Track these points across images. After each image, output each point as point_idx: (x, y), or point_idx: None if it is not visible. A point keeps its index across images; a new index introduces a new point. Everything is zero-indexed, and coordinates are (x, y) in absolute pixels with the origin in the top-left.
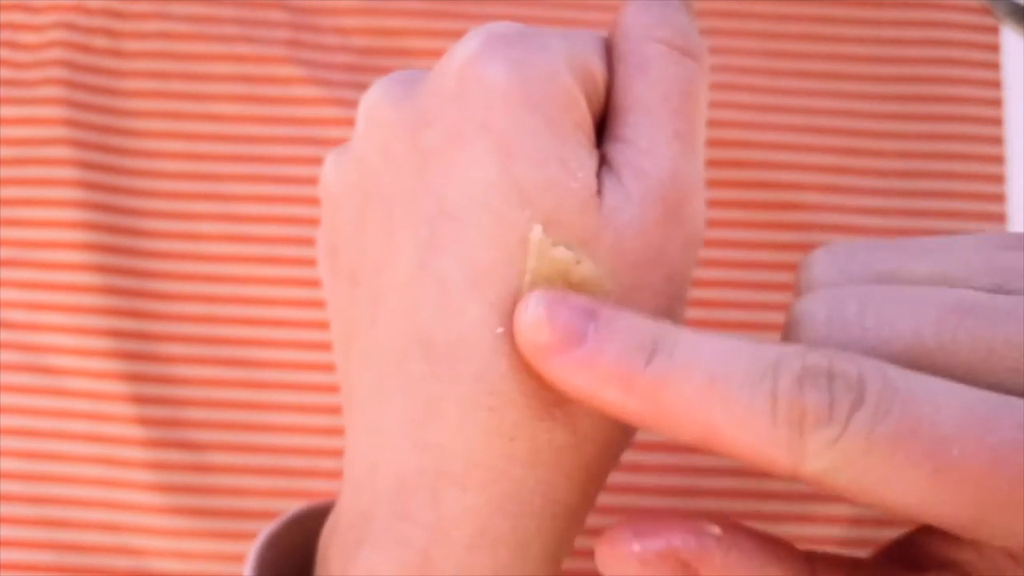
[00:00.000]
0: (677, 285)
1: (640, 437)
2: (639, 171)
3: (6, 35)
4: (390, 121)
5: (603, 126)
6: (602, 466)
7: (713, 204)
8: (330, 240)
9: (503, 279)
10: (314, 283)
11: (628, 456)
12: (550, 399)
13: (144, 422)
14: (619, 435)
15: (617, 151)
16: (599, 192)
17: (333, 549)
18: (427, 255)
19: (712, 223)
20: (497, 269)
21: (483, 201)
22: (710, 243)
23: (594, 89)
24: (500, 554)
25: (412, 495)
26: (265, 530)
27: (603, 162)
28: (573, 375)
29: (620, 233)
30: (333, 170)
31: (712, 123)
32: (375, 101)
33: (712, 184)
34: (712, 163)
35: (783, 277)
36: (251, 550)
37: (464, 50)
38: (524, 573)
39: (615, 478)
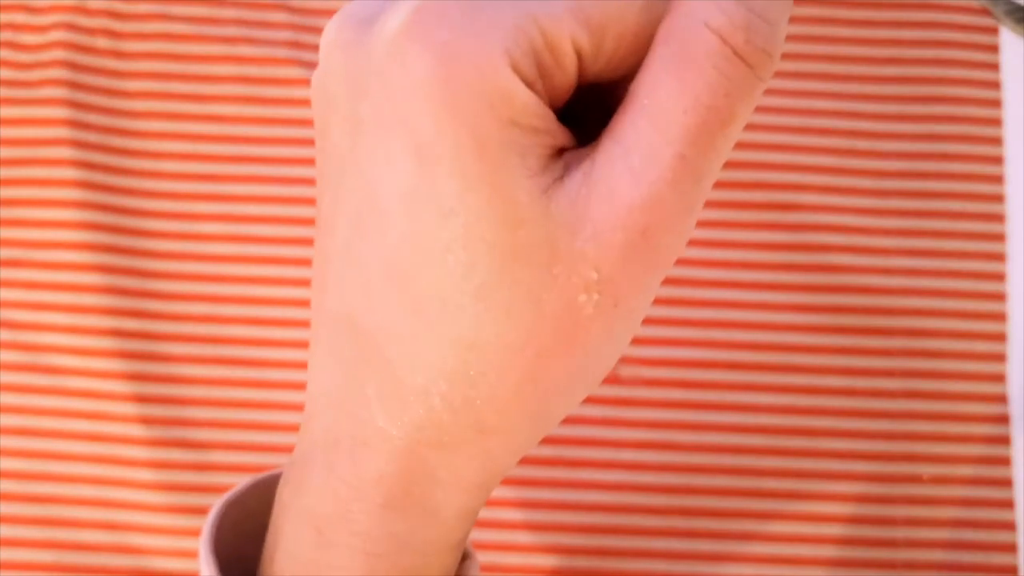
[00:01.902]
0: (627, 311)
1: (639, 437)
2: (613, 189)
3: (7, 35)
4: (333, 75)
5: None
6: (511, 463)
7: (711, 204)
8: (317, 148)
9: (422, 280)
10: None
11: (625, 455)
12: None
13: (146, 421)
14: (529, 432)
15: (605, 152)
16: (560, 183)
17: (285, 484)
18: (353, 238)
19: (710, 223)
20: (415, 272)
21: (399, 203)
22: (708, 243)
23: (554, 60)
24: (411, 516)
25: (338, 453)
26: (227, 493)
27: (593, 147)
28: None
29: (556, 253)
30: (315, 80)
31: None
32: (332, 34)
33: None
34: None
35: (781, 277)
36: (211, 509)
37: (397, 15)
38: (434, 534)
39: (612, 476)
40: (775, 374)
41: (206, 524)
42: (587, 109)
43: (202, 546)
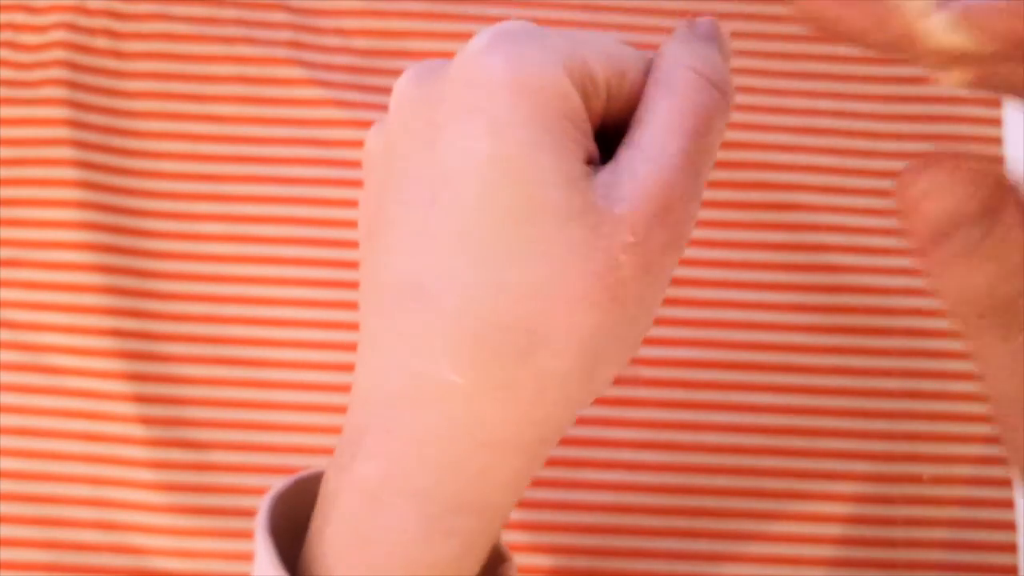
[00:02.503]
0: (654, 279)
1: (639, 437)
2: (637, 172)
3: (7, 35)
4: (412, 98)
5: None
6: (564, 418)
7: (711, 204)
8: (362, 200)
9: (493, 239)
10: (315, 283)
11: (625, 455)
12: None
13: (145, 421)
14: (583, 388)
15: (625, 154)
16: (593, 179)
17: (331, 468)
18: (427, 212)
19: (710, 223)
20: (487, 232)
21: (476, 172)
22: (708, 243)
23: (593, 87)
24: (463, 475)
25: (398, 414)
26: (276, 486)
27: (613, 160)
28: None
29: (602, 218)
30: (371, 140)
31: None
32: (404, 82)
33: (710, 184)
34: None
35: (781, 277)
36: (263, 501)
37: (475, 43)
38: (484, 496)
39: (613, 476)
40: (774, 374)
41: (261, 511)
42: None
43: (258, 530)
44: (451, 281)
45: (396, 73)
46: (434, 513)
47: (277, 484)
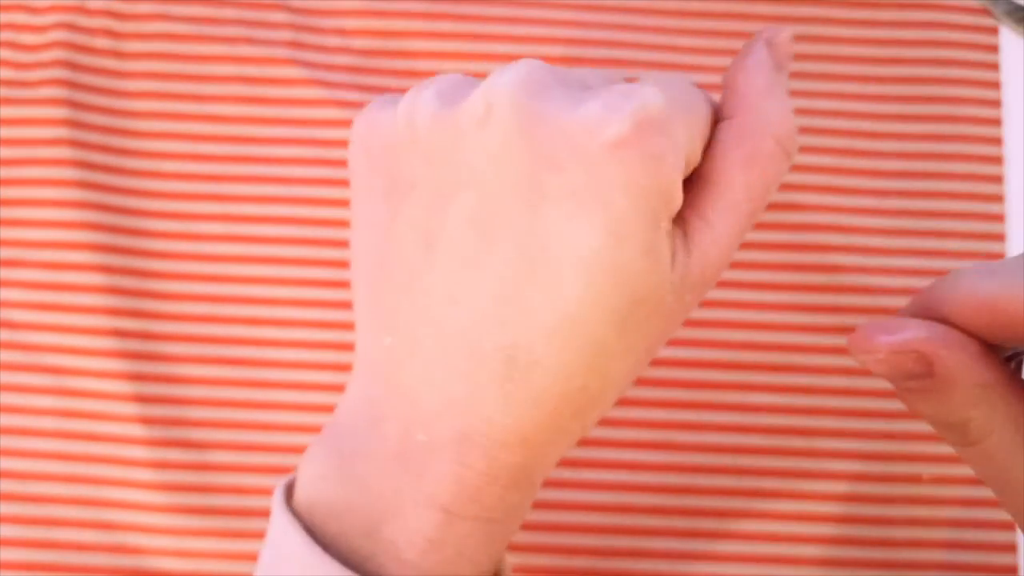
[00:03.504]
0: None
1: (639, 437)
2: (708, 255)
3: (7, 35)
4: (510, 137)
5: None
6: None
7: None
8: (395, 167)
9: (589, 329)
10: (315, 283)
11: (625, 454)
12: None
13: (146, 421)
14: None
15: (697, 228)
16: (675, 264)
17: (369, 467)
18: (522, 284)
19: None
20: (581, 320)
21: (583, 266)
22: None
23: (688, 167)
24: (523, 489)
25: (473, 451)
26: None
27: (680, 218)
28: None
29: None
30: (429, 112)
31: None
32: (508, 95)
33: None
34: None
35: (781, 277)
36: (276, 488)
37: (614, 129)
38: (531, 499)
39: (614, 476)
40: (775, 374)
41: (278, 488)
42: None
43: (276, 498)
44: (540, 356)
45: (396, 73)
46: (498, 519)
47: (286, 478)
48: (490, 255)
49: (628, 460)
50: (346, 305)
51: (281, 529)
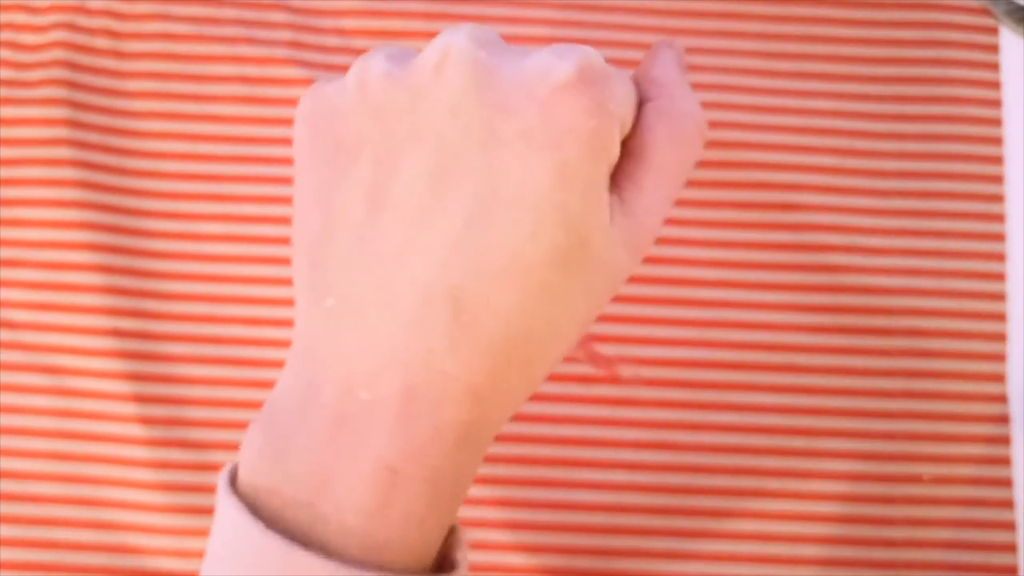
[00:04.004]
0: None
1: (639, 437)
2: (642, 223)
3: (7, 35)
4: (467, 85)
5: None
6: (540, 383)
7: (710, 204)
8: (342, 131)
9: (536, 268)
10: None
11: (625, 455)
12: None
13: (145, 421)
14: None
15: (633, 194)
16: (615, 224)
17: (306, 438)
18: (475, 228)
19: (709, 223)
20: (528, 260)
21: (533, 206)
22: (707, 243)
23: (622, 132)
24: (470, 450)
25: (419, 405)
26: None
27: (615, 186)
28: None
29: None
30: (381, 72)
31: (710, 124)
32: (462, 48)
33: (710, 185)
34: (710, 164)
35: (780, 277)
36: (221, 472)
37: (561, 69)
38: (478, 460)
39: (613, 476)
40: (774, 374)
41: (224, 468)
42: None
43: (220, 483)
44: (486, 298)
45: None
46: (443, 479)
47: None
48: (444, 202)
49: (627, 460)
50: None
51: (223, 510)
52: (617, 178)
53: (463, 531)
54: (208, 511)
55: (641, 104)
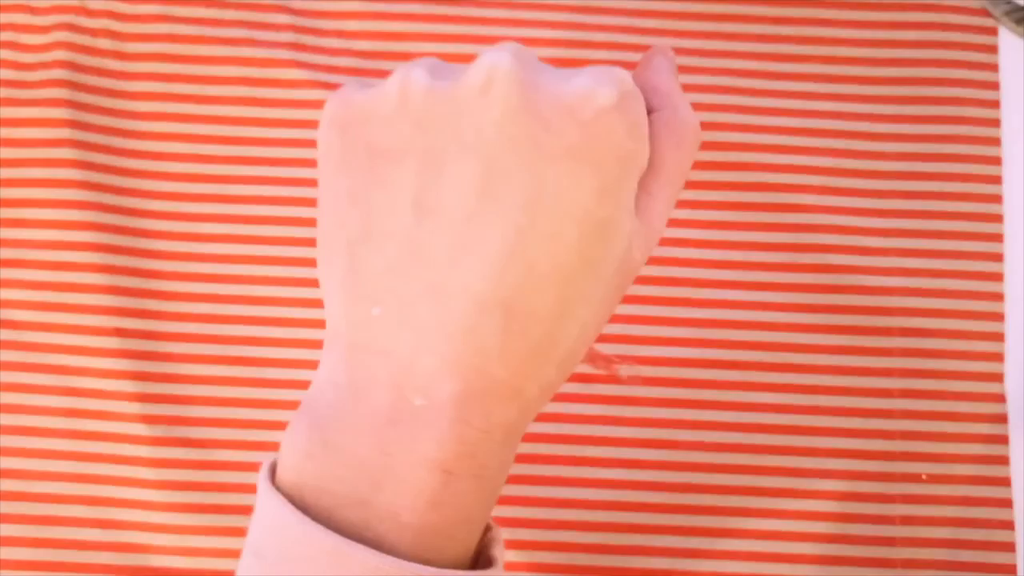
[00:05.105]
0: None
1: (639, 435)
2: (654, 225)
3: (9, 36)
4: (514, 104)
5: None
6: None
7: (710, 205)
8: (378, 137)
9: (579, 279)
10: (316, 283)
11: (625, 453)
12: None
13: (148, 420)
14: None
15: (643, 200)
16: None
17: (357, 438)
18: (523, 239)
19: (709, 224)
20: (571, 270)
21: (577, 219)
22: (706, 244)
23: None
24: (513, 446)
25: (471, 410)
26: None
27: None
28: None
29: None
30: (424, 84)
31: (710, 125)
32: (508, 69)
33: (709, 186)
34: (710, 165)
35: (779, 277)
36: (262, 467)
37: (604, 97)
38: (514, 455)
39: (613, 474)
40: (774, 373)
41: (264, 465)
42: None
43: (261, 481)
44: (533, 307)
45: None
46: (490, 476)
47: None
48: (493, 213)
49: (628, 458)
50: None
51: (270, 510)
52: None
53: (498, 529)
54: (211, 509)
55: (648, 113)
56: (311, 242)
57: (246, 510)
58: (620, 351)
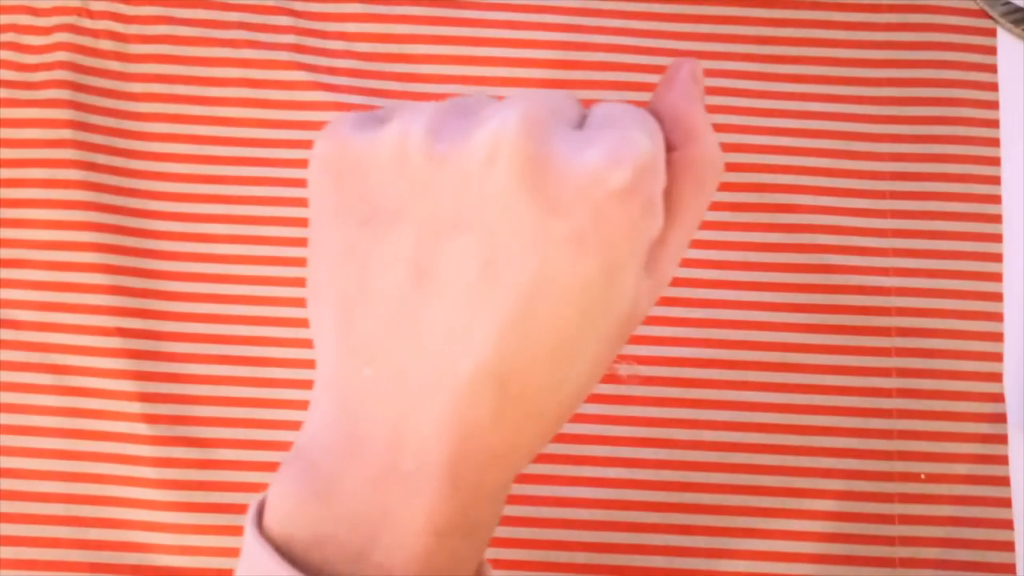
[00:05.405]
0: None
1: (637, 434)
2: (665, 272)
3: (11, 37)
4: (519, 183)
5: None
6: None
7: (709, 205)
8: (374, 193)
9: (574, 352)
10: None
11: (623, 452)
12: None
13: (150, 419)
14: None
15: (656, 250)
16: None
17: (352, 492)
18: (523, 318)
19: (707, 225)
20: (573, 346)
21: (580, 302)
22: (705, 244)
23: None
24: (504, 497)
25: (462, 475)
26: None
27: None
28: None
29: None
30: (424, 146)
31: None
32: (514, 142)
33: None
34: None
35: (777, 277)
36: (249, 509)
37: (618, 180)
38: (504, 503)
39: (612, 472)
40: (772, 373)
41: (250, 509)
42: None
43: (249, 528)
44: (534, 381)
45: (398, 77)
46: (485, 533)
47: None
48: (491, 292)
49: (626, 457)
50: None
51: (261, 560)
52: None
53: (489, 567)
54: (213, 508)
55: (668, 149)
56: None
57: (247, 509)
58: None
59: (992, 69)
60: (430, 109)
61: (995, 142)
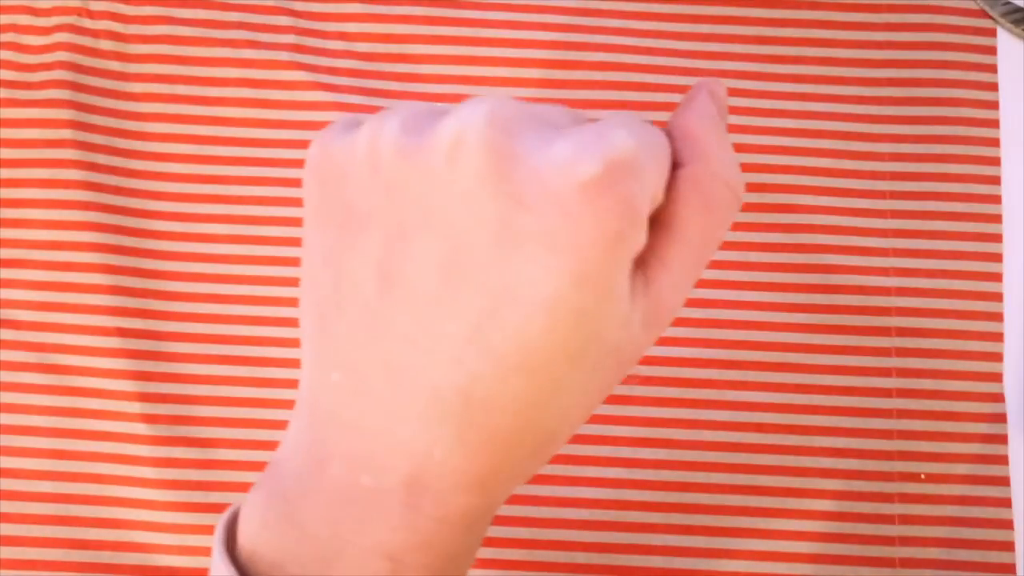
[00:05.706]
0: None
1: (637, 434)
2: (665, 299)
3: (11, 37)
4: (482, 176)
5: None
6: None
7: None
8: (350, 196)
9: (542, 366)
10: None
11: (623, 452)
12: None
13: (150, 420)
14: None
15: (656, 271)
16: (635, 300)
17: (313, 514)
18: (487, 325)
19: None
20: (540, 359)
21: (548, 308)
22: None
23: (651, 209)
24: (478, 532)
25: (423, 497)
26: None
27: (640, 260)
28: None
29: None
30: (393, 143)
31: None
32: (479, 133)
33: None
34: None
35: (777, 277)
36: (217, 526)
37: (586, 170)
38: (480, 541)
39: (612, 472)
40: (771, 373)
41: (219, 525)
42: None
43: (215, 546)
44: (498, 398)
45: (399, 77)
46: (449, 562)
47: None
48: (455, 297)
49: (626, 457)
50: None
51: None
52: (643, 253)
53: None
54: (213, 508)
55: (675, 166)
56: None
57: None
58: None
59: (992, 69)
60: (406, 109)
61: (995, 142)
